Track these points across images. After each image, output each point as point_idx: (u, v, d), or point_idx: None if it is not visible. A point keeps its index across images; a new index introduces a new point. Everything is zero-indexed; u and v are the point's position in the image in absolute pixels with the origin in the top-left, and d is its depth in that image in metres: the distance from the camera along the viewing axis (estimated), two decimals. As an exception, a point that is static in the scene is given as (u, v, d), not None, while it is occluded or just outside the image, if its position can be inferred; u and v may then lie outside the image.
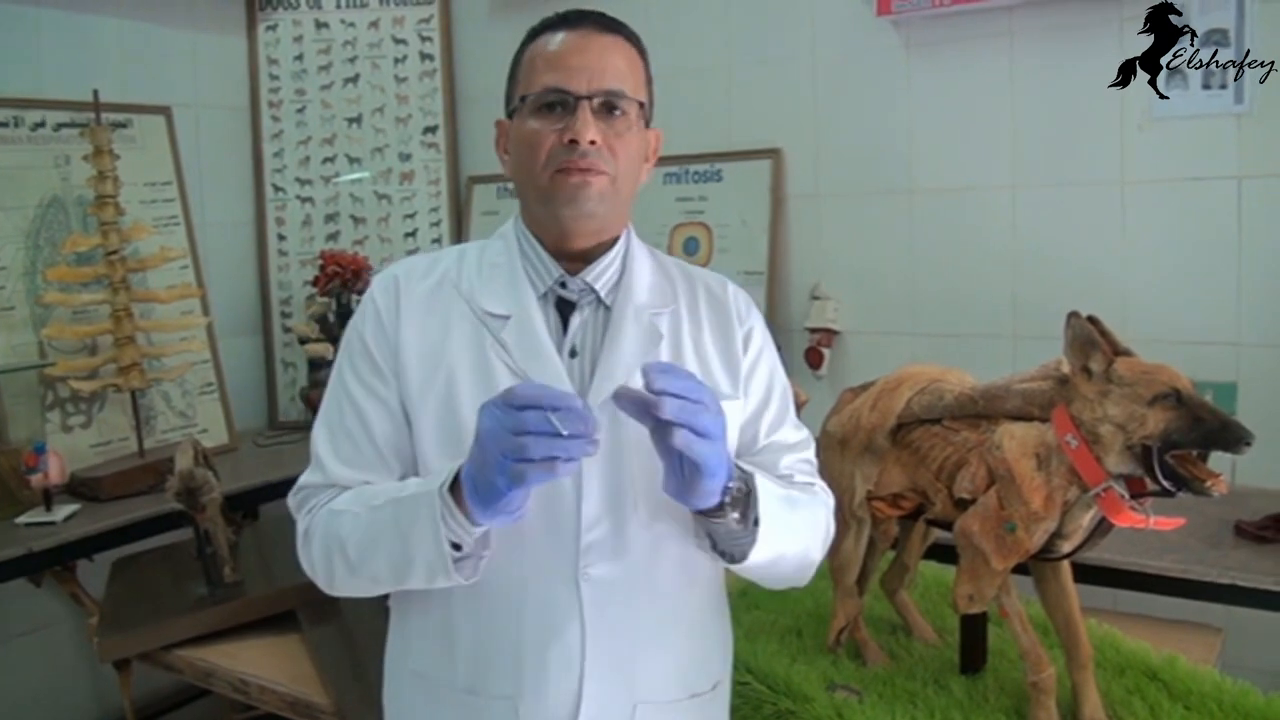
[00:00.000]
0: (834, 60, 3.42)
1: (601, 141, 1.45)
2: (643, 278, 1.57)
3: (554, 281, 1.52)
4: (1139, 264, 2.95)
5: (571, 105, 1.45)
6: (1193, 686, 1.88)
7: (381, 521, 1.39)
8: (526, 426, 1.20)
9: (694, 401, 1.26)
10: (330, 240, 4.09)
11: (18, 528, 2.85)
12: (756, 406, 1.59)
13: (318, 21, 4.08)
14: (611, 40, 1.51)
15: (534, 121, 1.47)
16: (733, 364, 1.57)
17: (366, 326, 1.53)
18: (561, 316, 1.52)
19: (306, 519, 1.51)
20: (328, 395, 1.56)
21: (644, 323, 1.53)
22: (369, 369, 1.51)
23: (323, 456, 1.52)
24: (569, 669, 1.43)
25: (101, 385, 3.26)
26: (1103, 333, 1.66)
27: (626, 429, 1.43)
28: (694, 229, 3.66)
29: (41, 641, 3.44)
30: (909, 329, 3.34)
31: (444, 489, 1.32)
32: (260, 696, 2.36)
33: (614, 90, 1.47)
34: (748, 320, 1.63)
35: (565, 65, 1.46)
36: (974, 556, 1.76)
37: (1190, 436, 1.56)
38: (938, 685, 1.95)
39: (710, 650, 1.61)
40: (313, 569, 1.51)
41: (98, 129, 3.23)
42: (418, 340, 1.49)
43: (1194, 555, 2.30)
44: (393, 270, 1.57)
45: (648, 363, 1.28)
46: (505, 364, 1.46)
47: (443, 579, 1.36)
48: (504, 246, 1.57)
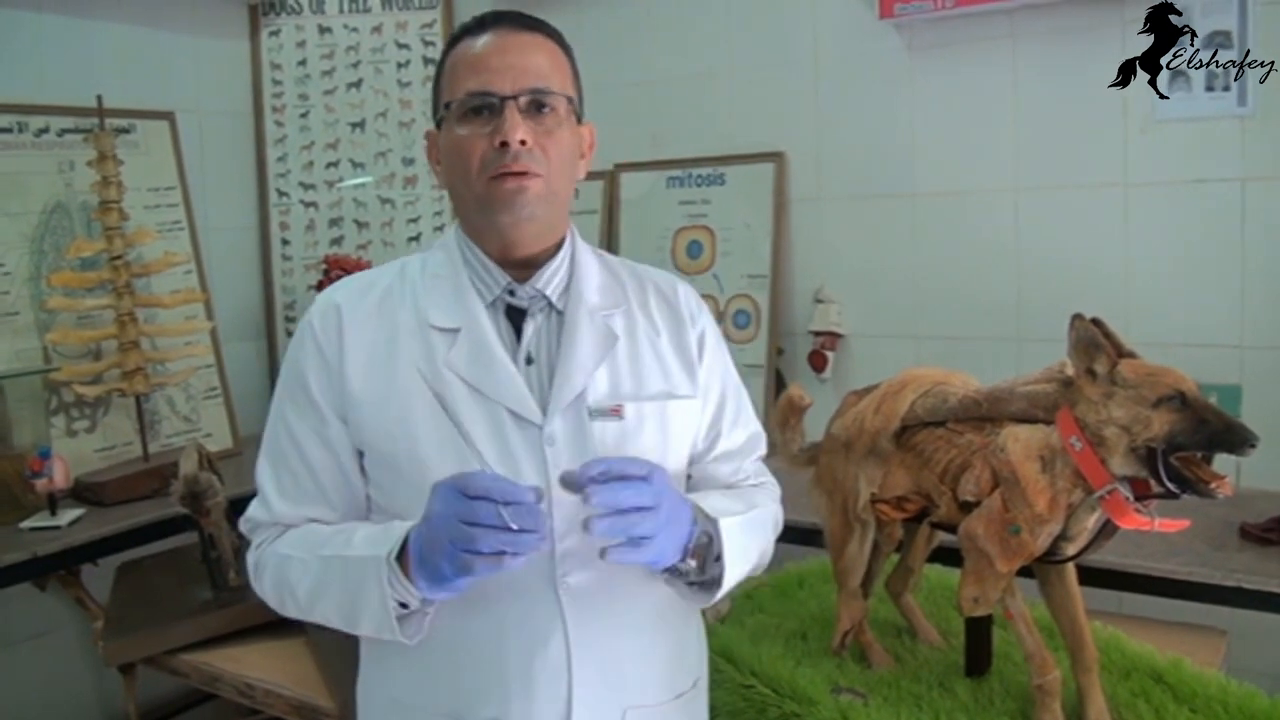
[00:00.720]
0: (836, 63, 3.42)
1: (532, 141, 1.43)
2: (592, 279, 1.56)
3: (502, 290, 1.50)
4: (1142, 266, 2.95)
5: (498, 107, 1.43)
6: (1198, 689, 1.87)
7: (330, 574, 1.39)
8: (477, 518, 1.20)
9: (630, 511, 1.26)
10: (334, 245, 4.09)
11: (22, 532, 2.85)
12: (715, 410, 1.61)
13: (321, 26, 4.08)
14: (532, 38, 1.49)
15: (461, 128, 1.45)
16: (689, 365, 1.58)
17: (308, 361, 1.49)
18: (513, 324, 1.51)
19: (256, 553, 1.52)
20: (269, 427, 1.54)
21: (598, 324, 1.52)
22: (309, 407, 1.49)
23: (267, 492, 1.52)
24: (557, 681, 1.43)
25: (106, 390, 3.26)
26: (1107, 335, 1.66)
27: (592, 433, 1.45)
28: (697, 232, 3.66)
29: (46, 646, 3.44)
30: (913, 332, 3.34)
31: (391, 557, 1.32)
32: (265, 700, 2.36)
33: (539, 88, 1.45)
34: (699, 320, 1.63)
35: (487, 67, 1.44)
36: (979, 559, 1.76)
37: (1195, 439, 1.55)
38: (943, 688, 1.95)
39: (689, 648, 1.62)
40: (265, 598, 1.52)
41: (101, 134, 3.23)
42: (366, 366, 1.47)
43: (1199, 558, 2.29)
44: (331, 296, 1.53)
45: (573, 472, 1.27)
46: (460, 378, 1.44)
47: (388, 636, 1.36)
48: (446, 258, 1.54)
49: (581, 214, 3.86)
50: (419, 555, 1.29)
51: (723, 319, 3.59)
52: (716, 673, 2.02)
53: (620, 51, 3.80)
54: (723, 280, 3.61)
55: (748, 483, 1.66)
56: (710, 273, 3.63)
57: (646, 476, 1.29)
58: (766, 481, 1.70)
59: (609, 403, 1.48)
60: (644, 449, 1.48)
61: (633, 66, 3.79)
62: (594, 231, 3.83)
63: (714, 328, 1.66)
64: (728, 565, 1.41)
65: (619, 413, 1.48)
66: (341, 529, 1.46)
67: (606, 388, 1.49)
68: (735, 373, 1.69)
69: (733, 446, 1.64)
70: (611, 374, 1.51)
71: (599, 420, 1.47)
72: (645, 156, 3.80)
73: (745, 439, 1.67)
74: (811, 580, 2.47)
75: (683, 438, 1.57)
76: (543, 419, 1.44)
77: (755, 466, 1.69)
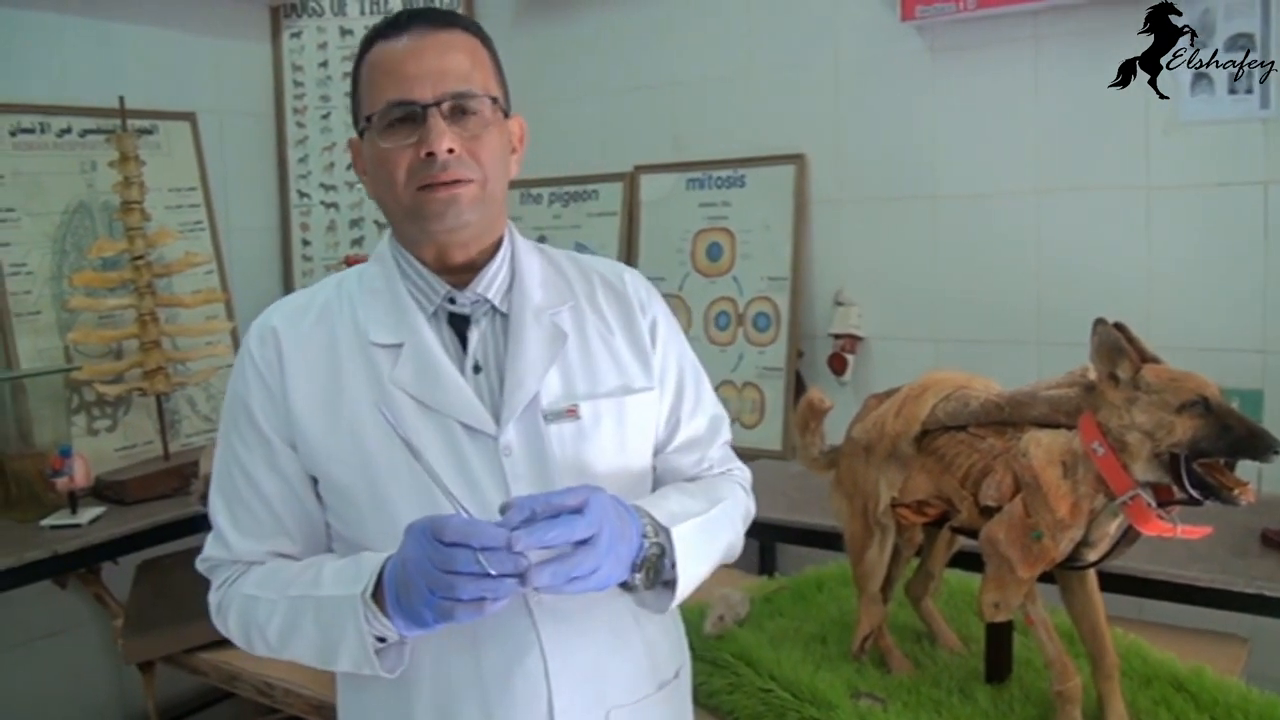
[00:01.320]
0: (857, 65, 3.41)
1: (460, 148, 1.38)
2: (534, 277, 1.52)
3: (442, 299, 1.46)
4: (1164, 270, 2.93)
5: (420, 116, 1.37)
6: (1219, 698, 1.86)
7: (301, 614, 1.36)
8: (455, 566, 1.17)
9: (566, 551, 1.23)
10: (355, 245, 4.10)
11: (43, 530, 2.87)
12: (673, 398, 1.58)
13: (342, 29, 4.09)
14: (448, 37, 1.42)
15: (384, 141, 1.39)
16: (643, 355, 1.54)
17: (250, 389, 1.45)
18: (457, 332, 1.47)
19: (218, 593, 1.49)
20: (217, 461, 1.51)
21: (545, 324, 1.48)
22: (256, 437, 1.45)
23: (224, 529, 1.48)
24: (536, 692, 1.41)
25: (127, 389, 3.28)
26: (1130, 339, 1.65)
27: (549, 438, 1.43)
28: (717, 234, 3.66)
29: (66, 643, 3.46)
30: (933, 335, 3.33)
31: (366, 594, 1.29)
32: (284, 700, 2.37)
33: (461, 91, 1.39)
34: (650, 308, 1.59)
35: (404, 74, 1.38)
36: (1000, 564, 1.75)
37: (1218, 445, 1.54)
38: (963, 694, 1.94)
39: (668, 638, 1.60)
40: (230, 637, 1.49)
41: (123, 135, 3.25)
42: (310, 390, 1.43)
43: (1220, 564, 2.28)
44: (268, 320, 1.49)
45: (508, 508, 1.22)
46: (407, 395, 1.41)
47: (368, 671, 1.33)
48: (381, 270, 1.50)
49: (601, 216, 3.86)
50: (395, 597, 1.26)
51: (742, 322, 3.59)
52: (735, 676, 2.02)
53: (641, 53, 3.80)
54: (742, 282, 3.60)
55: (713, 472, 1.63)
56: (730, 275, 3.62)
57: (580, 507, 1.24)
58: (733, 468, 1.66)
59: (563, 404, 1.45)
60: (603, 448, 1.46)
61: (653, 68, 3.79)
62: (613, 233, 3.83)
63: (666, 313, 1.61)
64: (681, 573, 1.37)
65: (575, 413, 1.45)
66: (308, 565, 1.42)
67: (560, 389, 1.46)
68: (693, 355, 1.64)
69: (695, 434, 1.61)
70: (564, 374, 1.47)
71: (555, 424, 1.43)
72: (665, 158, 3.79)
73: (707, 424, 1.63)
74: (831, 584, 2.47)
75: (643, 431, 1.54)
76: (496, 429, 1.41)
77: (721, 453, 1.65)
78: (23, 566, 2.70)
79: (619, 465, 1.49)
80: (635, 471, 1.53)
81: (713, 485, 1.58)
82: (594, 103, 3.96)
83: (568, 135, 3.97)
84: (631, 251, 3.80)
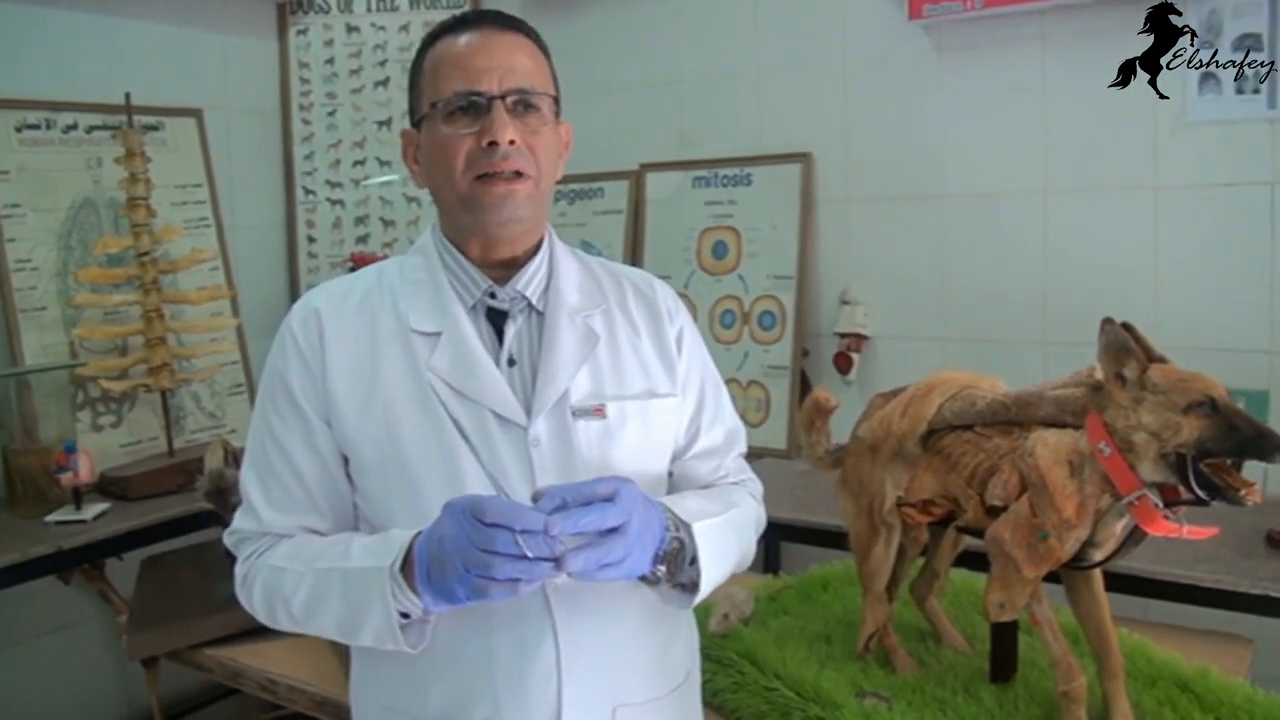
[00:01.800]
0: (865, 64, 3.41)
1: (520, 141, 1.42)
2: (571, 280, 1.56)
3: (483, 293, 1.50)
4: (1171, 270, 2.93)
5: (485, 107, 1.42)
6: (1224, 698, 1.85)
7: (327, 587, 1.38)
8: (495, 546, 1.19)
9: (598, 538, 1.25)
10: (360, 243, 4.10)
11: (48, 526, 2.87)
12: (695, 407, 1.61)
13: (348, 25, 4.09)
14: (515, 38, 1.48)
15: (447, 128, 1.44)
16: (669, 362, 1.58)
17: (289, 366, 1.48)
18: (493, 326, 1.51)
19: (245, 565, 1.49)
20: (252, 436, 1.53)
21: (578, 325, 1.52)
22: (293, 413, 1.47)
23: (255, 502, 1.49)
24: (547, 681, 1.43)
25: (132, 385, 3.28)
26: (1137, 339, 1.65)
27: (576, 433, 1.46)
28: (723, 233, 3.66)
29: (70, 639, 3.46)
30: (939, 334, 3.32)
31: (394, 568, 1.31)
32: (289, 696, 2.37)
33: (525, 88, 1.44)
34: (678, 318, 1.63)
35: (473, 67, 1.43)
36: (1005, 564, 1.74)
37: (1225, 445, 1.54)
38: (967, 693, 1.94)
39: (680, 642, 1.62)
40: (253, 610, 1.50)
41: (129, 131, 3.25)
42: (348, 371, 1.46)
43: (1225, 565, 2.28)
44: (311, 301, 1.53)
45: (540, 496, 1.26)
46: (443, 382, 1.44)
47: (390, 645, 1.34)
48: (424, 261, 1.54)
49: (607, 214, 3.86)
50: (426, 572, 1.28)
51: (748, 320, 3.59)
52: (740, 675, 2.02)
53: (648, 51, 3.80)
54: (748, 281, 3.60)
55: (727, 480, 1.66)
56: (736, 273, 3.62)
57: (611, 496, 1.28)
58: (747, 479, 1.70)
59: (591, 403, 1.48)
60: (627, 448, 1.49)
61: (660, 66, 3.79)
62: (619, 231, 3.83)
63: (691, 325, 1.66)
64: (704, 569, 1.41)
65: (602, 413, 1.49)
66: (336, 540, 1.44)
67: (589, 388, 1.50)
68: (714, 369, 1.69)
69: (713, 444, 1.64)
70: (593, 374, 1.51)
71: (582, 420, 1.47)
72: (672, 156, 3.80)
73: (724, 436, 1.66)
74: (836, 583, 2.46)
75: (664, 436, 1.57)
76: (527, 421, 1.45)
77: (736, 464, 1.69)
78: (27, 562, 2.71)
79: (640, 465, 1.51)
80: (654, 473, 1.56)
81: (727, 492, 1.61)
82: (600, 100, 3.96)
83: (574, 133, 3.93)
84: (637, 249, 3.80)
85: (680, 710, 1.60)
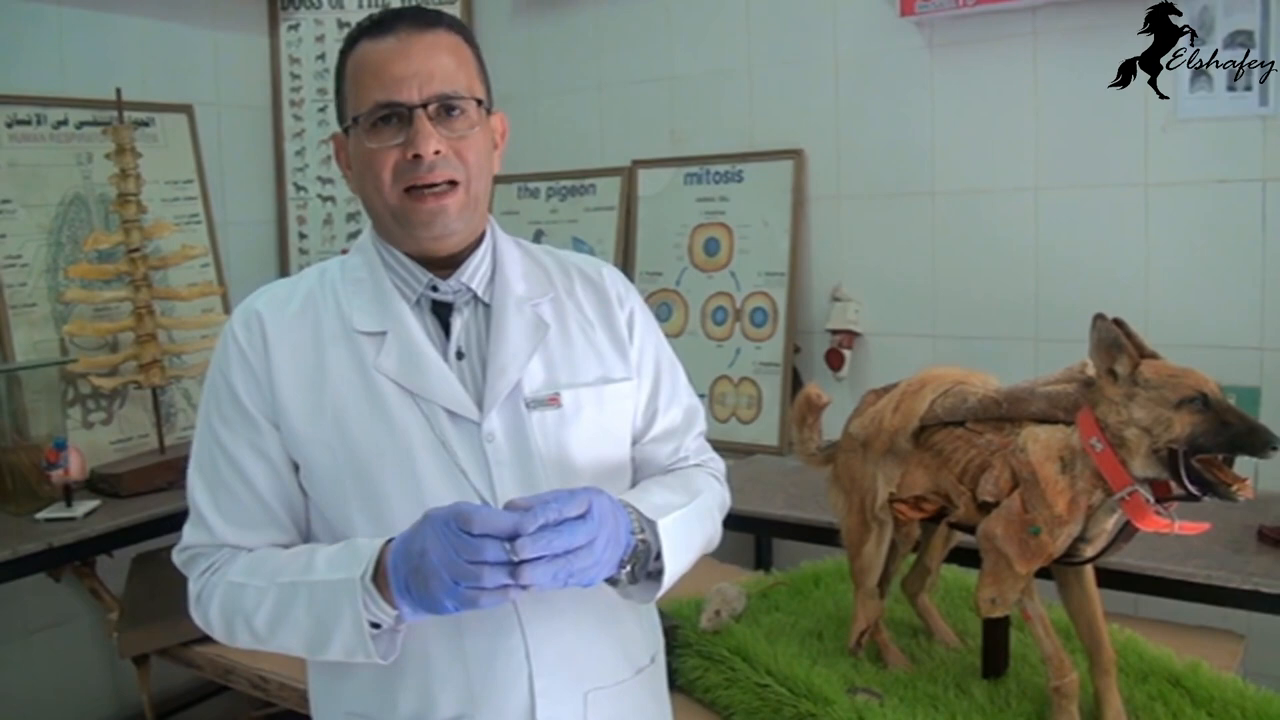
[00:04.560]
0: (856, 61, 3.41)
1: (446, 149, 1.40)
2: (515, 268, 1.54)
3: (424, 288, 1.48)
4: (1162, 266, 2.94)
5: (407, 117, 1.39)
6: (1215, 693, 1.86)
7: (291, 601, 1.35)
8: (484, 556, 1.18)
9: (563, 554, 1.23)
10: (351, 239, 4.09)
11: (38, 523, 2.87)
12: (650, 389, 1.61)
13: (340, 21, 4.08)
14: (434, 37, 1.44)
15: (370, 141, 1.41)
16: (621, 346, 1.57)
17: (233, 371, 1.45)
18: (440, 320, 1.49)
19: (199, 582, 1.45)
20: (198, 445, 1.49)
21: (527, 314, 1.51)
22: (240, 418, 1.44)
23: (206, 515, 1.45)
24: (518, 675, 1.42)
25: (122, 382, 3.28)
26: (1129, 335, 1.65)
27: (531, 425, 1.45)
28: (715, 230, 3.66)
29: (61, 637, 3.45)
30: (930, 331, 3.33)
31: (366, 578, 1.29)
32: (279, 693, 2.37)
33: (447, 93, 1.41)
34: (628, 301, 1.62)
35: (391, 75, 1.39)
36: (997, 560, 1.75)
37: (1217, 441, 1.54)
38: (959, 689, 1.94)
39: (644, 625, 1.62)
40: (209, 629, 1.46)
41: (120, 127, 3.24)
42: (294, 375, 1.44)
43: (1217, 561, 2.29)
44: (252, 304, 1.49)
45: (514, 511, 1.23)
46: (392, 382, 1.43)
47: (361, 658, 1.33)
48: (364, 260, 1.52)
49: (599, 210, 3.85)
50: (404, 583, 1.26)
51: (739, 317, 3.59)
52: (731, 671, 2.02)
53: (640, 48, 3.80)
54: (740, 278, 3.60)
55: (688, 463, 1.66)
56: (728, 270, 3.62)
57: (584, 514, 1.26)
58: (708, 459, 1.70)
59: (545, 392, 1.47)
60: (583, 436, 1.49)
61: (652, 63, 3.78)
62: (611, 228, 3.83)
63: (643, 307, 1.65)
64: (667, 565, 1.40)
65: (556, 402, 1.48)
66: (297, 553, 1.42)
67: (542, 377, 1.48)
68: (669, 348, 1.68)
69: (671, 424, 1.63)
70: (545, 363, 1.50)
71: (537, 411, 1.46)
72: (664, 153, 3.79)
73: (683, 415, 1.65)
74: (828, 579, 2.46)
75: (622, 421, 1.57)
76: (480, 415, 1.43)
77: (697, 444, 1.69)
78: (18, 559, 2.70)
79: (599, 453, 1.51)
80: (614, 460, 1.55)
81: (689, 478, 1.61)
82: (592, 97, 3.95)
83: (565, 129, 3.96)
84: (629, 246, 3.79)
85: (649, 690, 1.61)
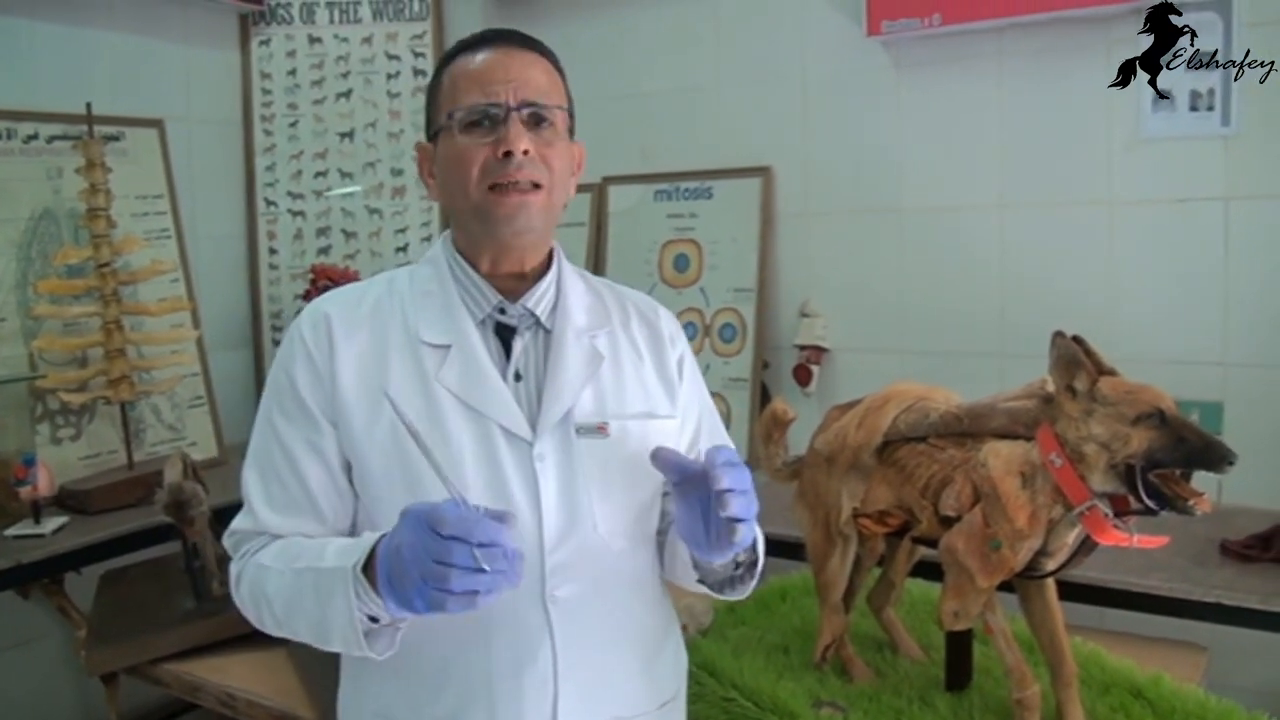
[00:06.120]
0: (824, 80, 3.44)
1: (534, 151, 1.44)
2: (578, 300, 1.58)
3: (493, 308, 1.51)
4: (1126, 284, 2.97)
5: (501, 118, 1.45)
6: (1177, 705, 1.88)
7: (302, 586, 1.37)
8: (451, 559, 1.18)
9: (748, 492, 1.32)
10: (321, 254, 4.09)
11: (6, 540, 2.84)
12: (693, 431, 1.64)
13: (311, 37, 4.09)
14: (531, 56, 1.52)
15: (463, 138, 1.46)
16: (669, 386, 1.61)
17: (297, 369, 1.49)
18: (501, 341, 1.52)
19: (238, 564, 1.50)
20: (256, 436, 1.53)
21: (584, 344, 1.54)
22: (300, 414, 1.48)
23: (254, 502, 1.50)
24: (543, 692, 1.43)
25: (91, 398, 3.26)
26: (1087, 352, 1.67)
27: (579, 450, 1.48)
28: (684, 246, 3.67)
29: (29, 654, 3.43)
30: (897, 346, 3.35)
31: (357, 568, 1.30)
32: (247, 711, 2.36)
33: (540, 102, 1.47)
34: (679, 344, 1.66)
35: (490, 80, 1.46)
36: (959, 574, 1.77)
37: (1173, 456, 1.57)
38: (923, 702, 1.95)
39: (671, 659, 1.63)
40: (245, 612, 1.50)
41: (90, 142, 3.23)
42: (356, 377, 1.47)
43: (1179, 574, 2.31)
44: (321, 306, 1.54)
45: (714, 453, 1.33)
46: (452, 395, 1.46)
47: (356, 651, 1.34)
48: (434, 273, 1.55)
49: (569, 226, 3.86)
50: (387, 577, 1.26)
51: (709, 332, 3.60)
52: (698, 685, 2.03)
53: (609, 65, 3.81)
54: (709, 294, 3.62)
55: None
56: (697, 286, 3.64)
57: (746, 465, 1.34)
58: None
59: (594, 420, 1.50)
60: (628, 466, 1.50)
61: (622, 80, 3.80)
62: (581, 244, 3.84)
63: (691, 354, 1.69)
64: (760, 554, 1.50)
65: (604, 430, 1.50)
66: (317, 541, 1.44)
67: (592, 406, 1.51)
68: (709, 397, 1.72)
69: None
70: (596, 393, 1.52)
71: (585, 438, 1.49)
72: (634, 169, 3.81)
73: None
74: (794, 594, 2.48)
75: None
76: (533, 436, 1.46)
77: None
78: (-15, 576, 2.68)
79: (638, 483, 1.52)
80: (651, 492, 1.56)
81: None
82: (563, 114, 3.94)
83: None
84: (599, 262, 3.81)
85: None
